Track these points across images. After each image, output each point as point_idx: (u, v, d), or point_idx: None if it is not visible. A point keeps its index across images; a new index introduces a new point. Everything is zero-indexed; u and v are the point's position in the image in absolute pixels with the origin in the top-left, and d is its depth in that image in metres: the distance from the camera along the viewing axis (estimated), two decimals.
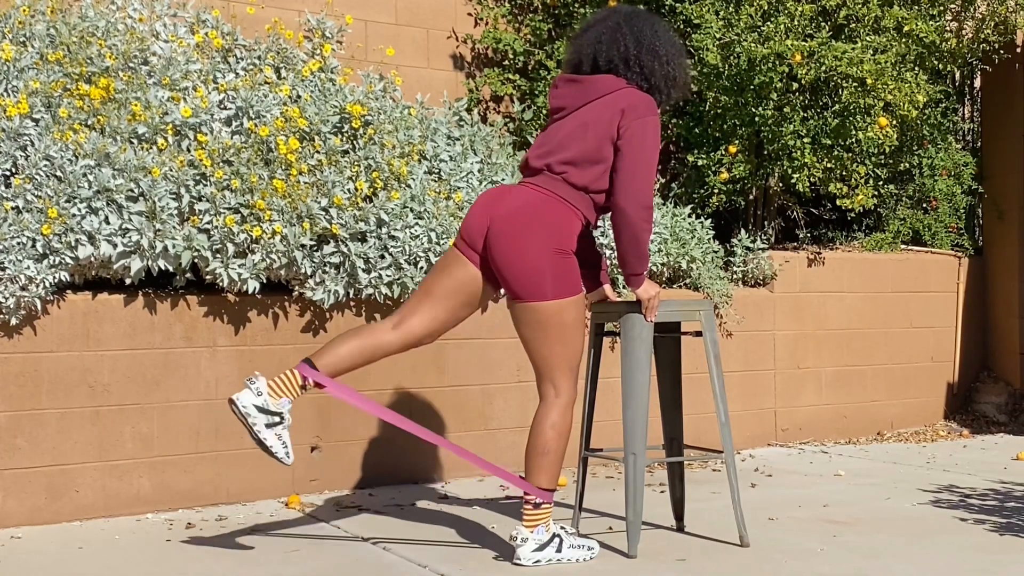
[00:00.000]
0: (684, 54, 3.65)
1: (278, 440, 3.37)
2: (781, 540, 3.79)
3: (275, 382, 3.38)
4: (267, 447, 3.36)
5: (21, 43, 4.63)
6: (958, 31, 6.20)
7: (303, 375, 3.40)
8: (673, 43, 3.59)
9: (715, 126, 6.07)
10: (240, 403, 3.34)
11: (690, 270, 5.59)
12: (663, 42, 3.55)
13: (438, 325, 3.52)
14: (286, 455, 3.38)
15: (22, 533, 3.92)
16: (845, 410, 6.27)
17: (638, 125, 3.42)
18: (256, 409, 3.34)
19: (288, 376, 3.39)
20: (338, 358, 3.44)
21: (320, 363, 3.42)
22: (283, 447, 3.37)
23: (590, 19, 3.66)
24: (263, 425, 3.34)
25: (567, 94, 3.54)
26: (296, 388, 3.39)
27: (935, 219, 6.78)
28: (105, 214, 4.08)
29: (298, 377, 3.40)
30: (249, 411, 3.33)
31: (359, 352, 3.46)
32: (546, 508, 3.46)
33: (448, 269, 3.51)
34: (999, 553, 3.59)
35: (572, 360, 3.44)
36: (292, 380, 3.39)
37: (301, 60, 5.20)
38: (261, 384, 3.35)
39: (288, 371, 3.41)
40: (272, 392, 3.36)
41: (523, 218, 3.40)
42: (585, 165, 3.43)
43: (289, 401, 3.38)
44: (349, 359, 3.45)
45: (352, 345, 3.46)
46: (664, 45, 3.55)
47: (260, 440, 3.35)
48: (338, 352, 3.44)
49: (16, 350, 4.01)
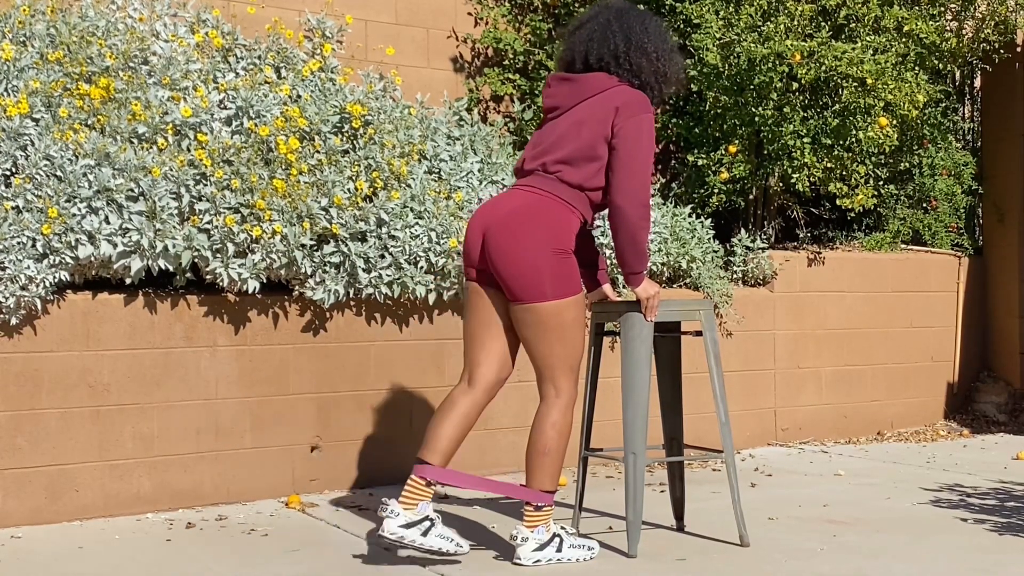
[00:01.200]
0: (675, 49, 3.63)
1: (440, 539, 3.38)
2: (781, 540, 3.79)
3: (404, 497, 3.38)
4: (437, 551, 3.38)
5: (21, 43, 4.63)
6: (958, 31, 6.20)
7: (423, 476, 3.40)
8: (663, 39, 3.57)
9: (715, 126, 6.07)
10: (389, 533, 3.35)
11: (690, 270, 5.59)
12: (653, 38, 3.54)
13: (503, 357, 3.53)
14: (457, 546, 3.40)
15: (22, 533, 3.92)
16: (845, 410, 6.27)
17: (632, 123, 3.41)
18: (404, 528, 3.35)
19: (412, 485, 3.40)
20: (444, 443, 3.44)
21: (433, 459, 3.42)
22: (449, 542, 3.40)
23: (582, 16, 3.65)
24: (419, 535, 3.36)
25: (560, 93, 3.54)
26: (424, 489, 3.41)
27: (935, 219, 6.78)
28: (105, 214, 4.08)
29: (420, 480, 3.40)
30: (401, 534, 3.35)
31: (458, 428, 3.46)
32: (547, 509, 3.46)
33: (472, 306, 3.54)
34: (999, 553, 3.59)
35: (573, 360, 3.44)
36: (417, 486, 3.40)
37: (301, 60, 5.20)
38: (394, 506, 3.36)
39: (410, 480, 3.40)
40: (407, 506, 3.37)
41: (519, 220, 3.40)
42: (580, 163, 3.43)
43: (427, 503, 3.39)
44: (453, 439, 3.46)
45: (448, 426, 3.45)
46: (654, 42, 3.54)
47: (429, 550, 3.37)
48: (439, 438, 3.44)
49: (16, 350, 4.01)
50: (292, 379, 4.55)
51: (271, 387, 4.50)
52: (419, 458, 3.43)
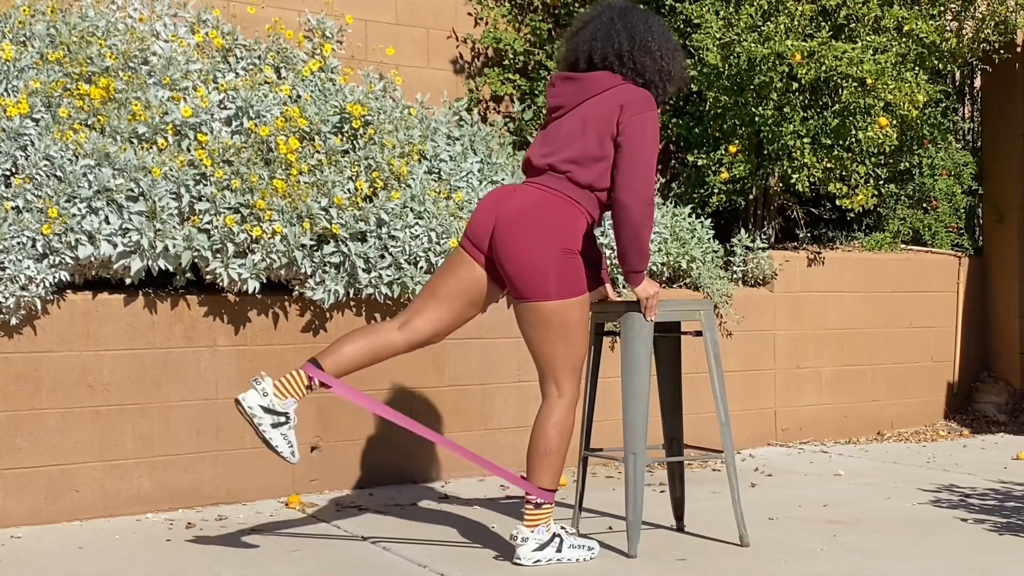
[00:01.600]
0: (679, 48, 3.64)
1: (284, 440, 3.37)
2: (781, 540, 3.79)
3: (281, 382, 3.38)
4: (273, 447, 3.36)
5: (21, 43, 4.63)
6: (958, 31, 6.20)
7: (308, 375, 3.40)
8: (667, 38, 3.58)
9: (715, 126, 6.07)
10: (246, 403, 3.34)
11: (690, 270, 5.59)
12: (656, 37, 3.54)
13: (444, 325, 3.52)
14: (292, 454, 3.39)
15: (22, 533, 3.92)
16: (845, 410, 6.27)
17: (637, 121, 3.41)
18: (262, 409, 3.34)
19: (294, 376, 3.39)
20: (343, 358, 3.44)
21: (325, 363, 3.42)
22: (289, 447, 3.38)
23: (584, 15, 3.65)
24: (269, 425, 3.35)
25: (565, 92, 3.54)
26: (302, 388, 3.40)
27: (935, 219, 6.78)
28: (105, 214, 4.08)
29: (303, 377, 3.40)
30: (255, 411, 3.34)
31: (364, 352, 3.46)
32: (547, 508, 3.46)
33: (453, 270, 3.51)
34: (999, 553, 3.59)
35: (576, 360, 3.44)
36: (298, 380, 3.39)
37: (301, 60, 5.20)
38: (267, 384, 3.36)
39: (294, 371, 3.41)
40: (278, 392, 3.36)
41: (529, 218, 3.39)
42: (588, 163, 3.43)
43: (295, 401, 3.38)
44: (355, 359, 3.45)
45: (357, 345, 3.46)
46: (657, 40, 3.54)
47: (266, 440, 3.36)
48: (343, 352, 3.44)
49: (16, 350, 4.01)
50: None
51: None
52: (313, 358, 3.43)
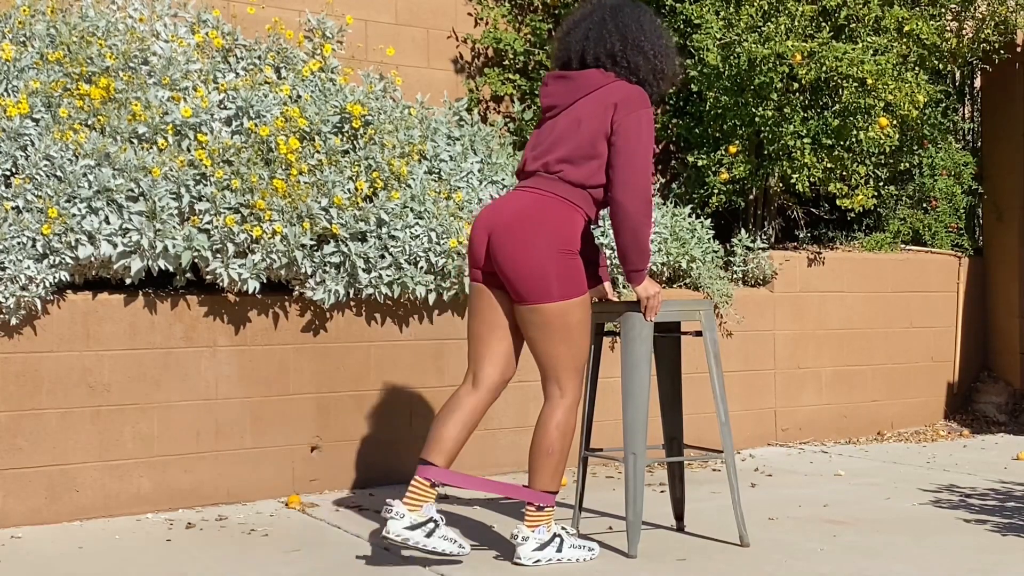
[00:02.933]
0: (671, 46, 3.62)
1: (443, 540, 3.38)
2: (781, 540, 3.79)
3: (409, 499, 3.37)
4: (441, 552, 3.37)
5: (21, 43, 4.63)
6: (958, 31, 6.20)
7: (427, 477, 3.39)
8: (659, 35, 3.56)
9: (715, 126, 6.07)
10: (393, 535, 3.33)
11: (690, 270, 5.59)
12: (648, 36, 3.53)
13: (507, 357, 3.52)
14: (460, 547, 3.39)
15: (22, 533, 3.92)
16: (845, 410, 6.27)
17: (632, 119, 3.40)
18: (409, 531, 3.34)
19: (417, 486, 3.39)
20: (448, 443, 3.43)
21: (436, 459, 3.41)
22: (452, 543, 3.39)
23: (576, 14, 3.63)
24: (423, 537, 3.35)
25: (558, 91, 3.53)
26: (429, 491, 3.40)
27: (935, 219, 6.78)
28: (105, 214, 4.08)
29: (424, 482, 3.39)
30: (405, 536, 3.34)
31: (462, 428, 3.46)
32: (548, 508, 3.46)
33: (477, 307, 3.53)
34: (1000, 553, 3.59)
35: (578, 361, 3.44)
36: (421, 487, 3.39)
37: (301, 60, 5.20)
38: (399, 507, 3.35)
39: (413, 481, 3.39)
40: (411, 508, 3.36)
41: (524, 221, 3.39)
42: (580, 161, 3.42)
43: (431, 505, 3.39)
44: (458, 438, 3.45)
45: (452, 425, 3.44)
46: (650, 39, 3.53)
47: (432, 551, 3.36)
48: (444, 438, 3.43)
49: (16, 350, 4.01)
50: (292, 379, 4.55)
51: (271, 387, 4.50)
52: (423, 458, 3.42)
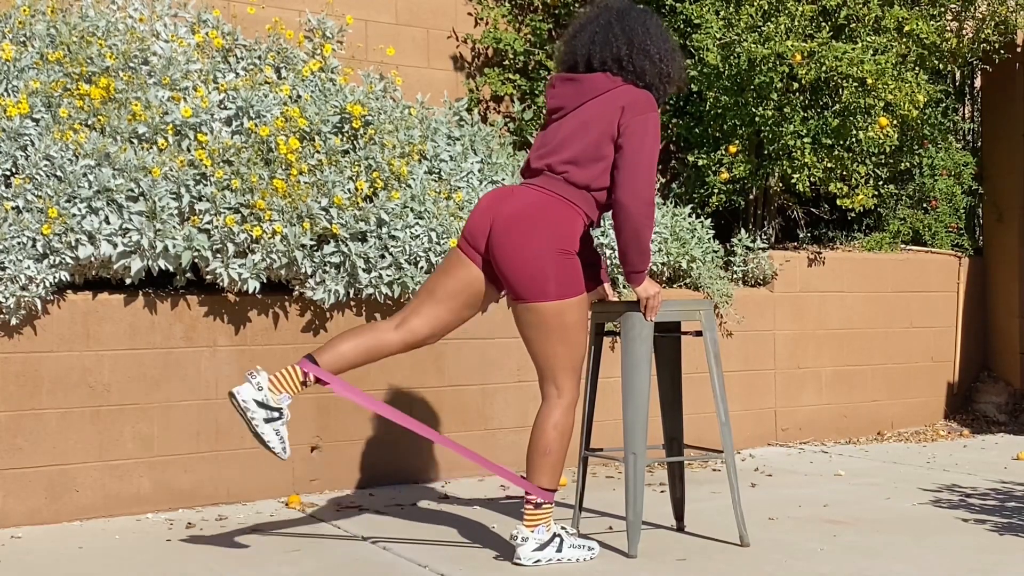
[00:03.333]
0: (677, 49, 3.63)
1: (276, 435, 3.37)
2: (781, 540, 3.79)
3: (276, 377, 3.38)
4: (265, 441, 3.37)
5: (21, 43, 4.63)
6: (958, 31, 6.20)
7: (304, 371, 3.40)
8: (665, 39, 3.57)
9: (715, 126, 6.07)
10: (240, 397, 3.34)
11: (690, 270, 5.59)
12: (655, 40, 3.54)
13: (441, 326, 3.53)
14: (283, 450, 3.39)
15: (22, 533, 3.92)
16: (845, 410, 6.27)
17: (639, 122, 3.41)
18: (256, 404, 3.34)
19: (289, 372, 3.40)
20: (340, 356, 3.44)
21: (322, 360, 3.43)
22: (280, 442, 3.39)
23: (582, 17, 3.63)
24: (262, 420, 3.35)
25: (565, 93, 3.53)
26: (297, 384, 3.40)
27: (935, 219, 6.78)
28: (105, 214, 4.08)
29: (299, 373, 3.40)
30: (249, 405, 3.34)
31: (361, 350, 3.47)
32: (547, 508, 3.46)
33: (451, 270, 3.51)
34: (1000, 553, 3.59)
35: (575, 360, 3.44)
36: (293, 376, 3.40)
37: (301, 60, 5.20)
38: (262, 379, 3.36)
39: (290, 367, 3.41)
40: (273, 387, 3.37)
41: (526, 219, 3.39)
42: (586, 163, 3.43)
43: (289, 397, 3.39)
44: (351, 357, 3.46)
45: (354, 343, 3.46)
46: (656, 43, 3.53)
47: (258, 434, 3.36)
48: (340, 350, 3.45)
49: (16, 350, 4.01)
50: None
51: None
52: (310, 354, 3.44)
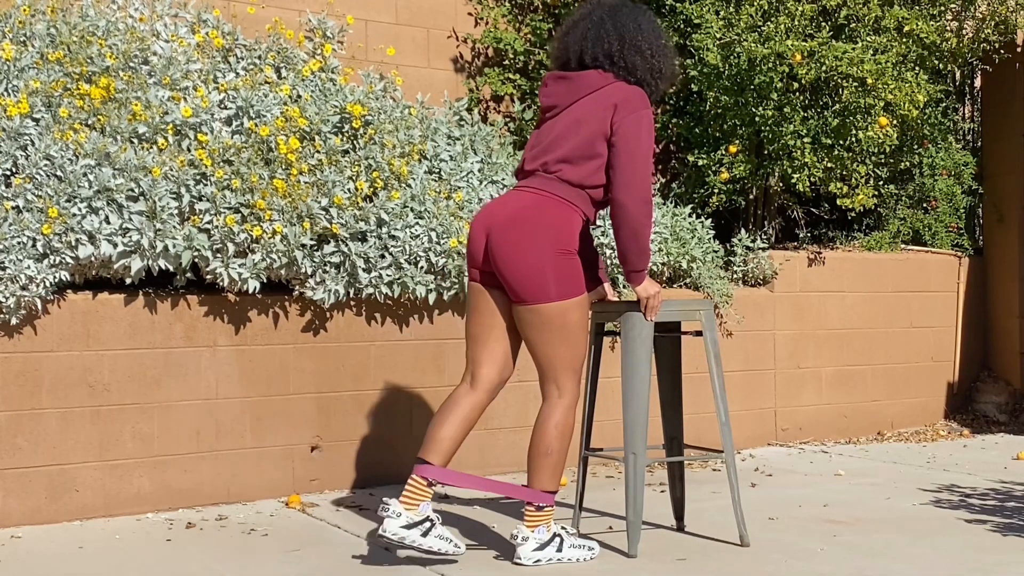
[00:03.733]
0: (669, 45, 3.62)
1: (439, 539, 3.38)
2: (781, 540, 3.79)
3: (406, 498, 3.37)
4: (436, 551, 3.37)
5: (21, 42, 4.63)
6: (958, 31, 6.20)
7: (424, 476, 3.39)
8: (657, 35, 3.56)
9: (715, 126, 6.07)
10: (389, 534, 3.33)
11: (690, 270, 5.59)
12: (646, 36, 3.53)
13: (505, 357, 3.53)
14: (455, 547, 3.40)
15: (22, 533, 3.92)
16: (845, 410, 6.27)
17: (632, 120, 3.40)
18: (405, 529, 3.34)
19: (414, 485, 3.39)
20: (446, 443, 3.43)
21: (434, 459, 3.41)
22: (448, 542, 3.40)
23: (575, 15, 3.63)
24: (419, 536, 3.35)
25: (558, 92, 3.53)
26: (425, 490, 3.40)
27: (935, 219, 6.78)
28: (105, 214, 4.08)
29: (423, 481, 3.39)
30: (402, 535, 3.34)
31: (459, 428, 3.46)
32: (548, 508, 3.46)
33: (475, 307, 3.53)
34: (1000, 553, 3.59)
35: (576, 361, 3.44)
36: (419, 486, 3.39)
37: (301, 60, 5.20)
38: (395, 506, 3.35)
39: (410, 480, 3.39)
40: (408, 507, 3.36)
41: (521, 221, 3.39)
42: (579, 161, 3.43)
43: (427, 504, 3.39)
44: (454, 439, 3.45)
45: (449, 426, 3.45)
46: (647, 39, 3.53)
47: (428, 551, 3.36)
48: (441, 438, 3.43)
49: (16, 350, 4.01)
50: (292, 379, 4.55)
51: (271, 387, 4.50)
52: (420, 457, 3.42)
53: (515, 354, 3.55)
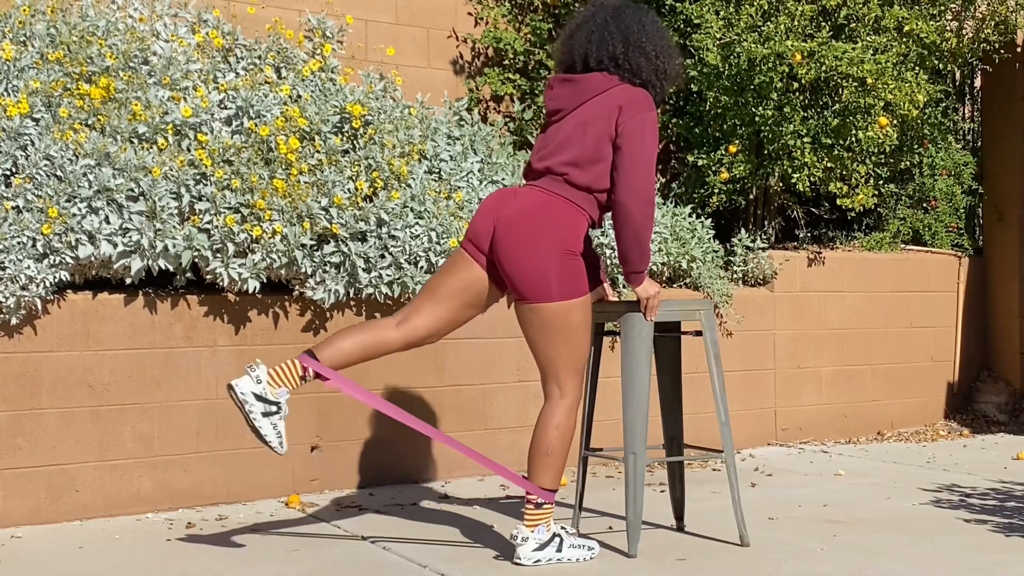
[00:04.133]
0: (674, 46, 3.62)
1: (273, 429, 3.37)
2: (781, 540, 3.79)
3: (275, 371, 3.38)
4: (262, 435, 3.37)
5: (21, 42, 4.63)
6: (958, 31, 6.20)
7: (304, 365, 3.40)
8: (661, 36, 3.57)
9: (715, 126, 6.07)
10: (238, 389, 3.34)
11: (690, 270, 5.59)
12: (651, 37, 3.53)
13: (442, 325, 3.52)
14: (279, 444, 3.39)
15: (22, 533, 3.92)
16: (845, 410, 6.27)
17: (636, 122, 3.40)
18: (254, 397, 3.34)
19: (289, 366, 3.40)
20: (340, 352, 3.44)
21: (321, 355, 3.43)
22: (277, 436, 3.38)
23: (578, 17, 3.63)
24: (259, 413, 3.35)
25: (563, 95, 3.53)
26: (296, 379, 3.40)
27: (935, 219, 6.78)
28: (105, 214, 4.08)
29: (298, 367, 3.40)
30: (247, 398, 3.34)
31: (361, 347, 3.46)
32: (547, 508, 3.46)
33: (454, 269, 3.52)
34: (1000, 553, 3.59)
35: (578, 361, 3.44)
36: (292, 370, 3.40)
37: (301, 60, 5.20)
38: (261, 372, 3.36)
39: (289, 361, 3.41)
40: (272, 381, 3.37)
41: (530, 220, 3.40)
42: (586, 165, 3.43)
43: (287, 391, 3.39)
44: (351, 353, 3.45)
45: (354, 340, 3.46)
46: (652, 40, 3.53)
47: (255, 428, 3.36)
48: (340, 346, 3.45)
49: (16, 350, 4.01)
50: None
51: None
52: (310, 350, 3.43)
53: (448, 331, 3.55)
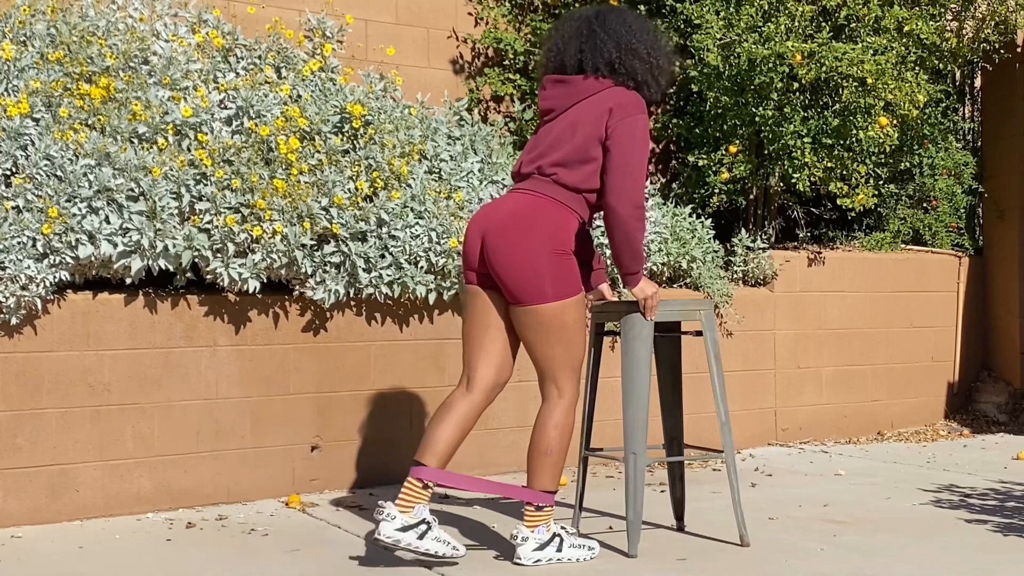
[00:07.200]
0: (660, 38, 3.61)
1: (437, 542, 3.36)
2: (781, 540, 3.79)
3: (400, 500, 3.36)
4: (433, 554, 3.35)
5: (21, 43, 4.63)
6: (958, 31, 6.20)
7: (419, 479, 3.38)
8: (647, 31, 3.56)
9: (715, 126, 6.07)
10: (384, 537, 3.32)
11: (690, 270, 5.59)
12: (640, 36, 3.53)
13: (501, 360, 3.51)
14: (453, 549, 3.38)
15: (22, 533, 3.92)
16: (845, 410, 6.27)
17: (626, 124, 3.40)
18: (402, 531, 3.33)
19: (409, 487, 3.38)
20: (441, 446, 3.41)
21: (428, 460, 3.40)
22: (446, 545, 3.38)
23: (562, 30, 3.58)
24: (415, 539, 3.33)
25: (555, 95, 3.53)
26: (421, 492, 3.38)
27: (935, 219, 6.78)
28: (105, 214, 4.08)
29: (417, 483, 3.38)
30: (396, 537, 3.32)
31: (455, 430, 3.44)
32: (547, 508, 3.46)
33: (470, 309, 3.53)
34: (1000, 553, 3.59)
35: (575, 361, 3.44)
36: (414, 488, 3.38)
37: (302, 60, 5.20)
38: (391, 509, 3.34)
39: (406, 482, 3.38)
40: (403, 509, 3.35)
41: (517, 222, 3.40)
42: (574, 165, 3.43)
43: (424, 506, 3.37)
44: (452, 441, 3.43)
45: (446, 428, 3.43)
46: (642, 40, 3.53)
47: (425, 553, 3.34)
48: (437, 440, 3.41)
49: (16, 350, 4.01)
50: (292, 379, 4.55)
51: (271, 387, 4.50)
52: (416, 460, 3.42)
53: (513, 356, 3.54)
